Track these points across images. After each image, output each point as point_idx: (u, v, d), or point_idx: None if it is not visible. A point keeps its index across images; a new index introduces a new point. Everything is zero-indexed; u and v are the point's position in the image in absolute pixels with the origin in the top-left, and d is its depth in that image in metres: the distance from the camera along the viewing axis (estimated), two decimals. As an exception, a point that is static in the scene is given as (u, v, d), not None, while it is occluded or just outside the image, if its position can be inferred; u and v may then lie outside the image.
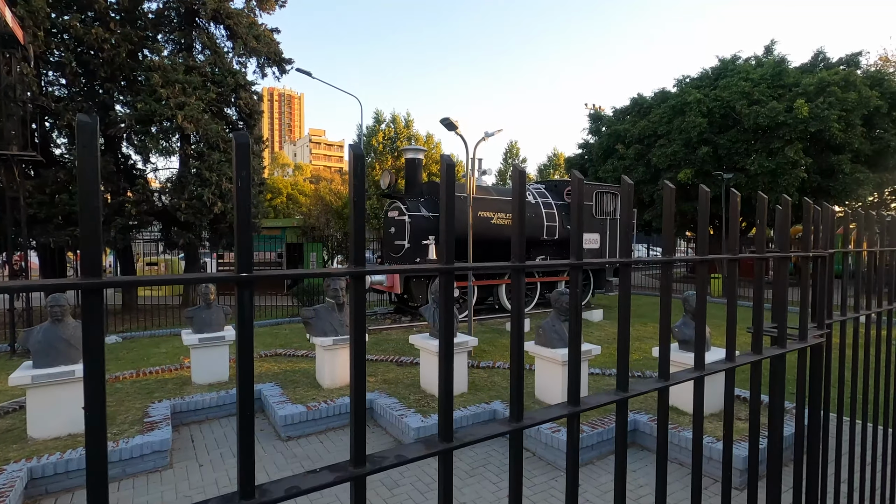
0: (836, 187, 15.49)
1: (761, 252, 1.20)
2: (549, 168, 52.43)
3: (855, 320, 1.69)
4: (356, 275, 0.61)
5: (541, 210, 11.54)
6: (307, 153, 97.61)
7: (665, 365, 0.96)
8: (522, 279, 0.80)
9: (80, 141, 0.46)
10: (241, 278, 0.52)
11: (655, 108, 18.12)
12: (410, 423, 4.48)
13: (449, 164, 0.72)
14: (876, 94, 14.87)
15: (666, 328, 1.01)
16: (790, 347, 1.23)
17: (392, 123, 37.69)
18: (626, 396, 0.88)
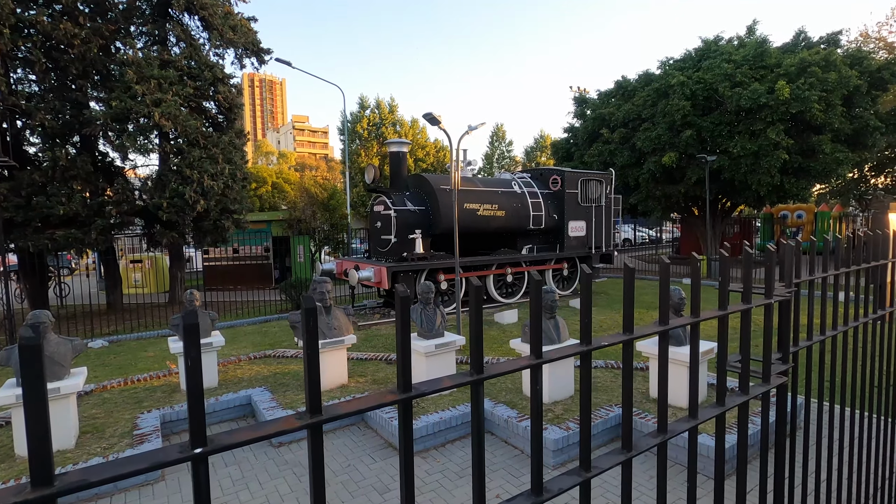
0: (816, 167, 15.68)
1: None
2: (536, 150, 52.35)
3: (822, 280, 1.79)
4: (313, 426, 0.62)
5: (527, 200, 11.56)
6: (291, 140, 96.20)
7: (629, 321, 0.99)
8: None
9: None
10: (194, 455, 0.53)
11: (640, 92, 18.09)
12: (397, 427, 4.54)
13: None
14: (855, 73, 14.97)
15: (630, 288, 1.04)
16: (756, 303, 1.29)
17: (377, 109, 37.23)
18: (589, 348, 0.93)
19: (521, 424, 4.58)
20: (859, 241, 2.29)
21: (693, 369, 1.12)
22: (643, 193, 18.25)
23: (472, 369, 0.76)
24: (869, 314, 2.21)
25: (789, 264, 1.52)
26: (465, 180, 10.82)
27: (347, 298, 12.45)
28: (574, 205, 12.18)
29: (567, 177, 12.09)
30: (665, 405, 1.07)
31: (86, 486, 0.47)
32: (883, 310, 2.41)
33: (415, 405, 5.19)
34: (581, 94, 21.68)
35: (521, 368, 0.84)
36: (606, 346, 0.95)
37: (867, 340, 2.27)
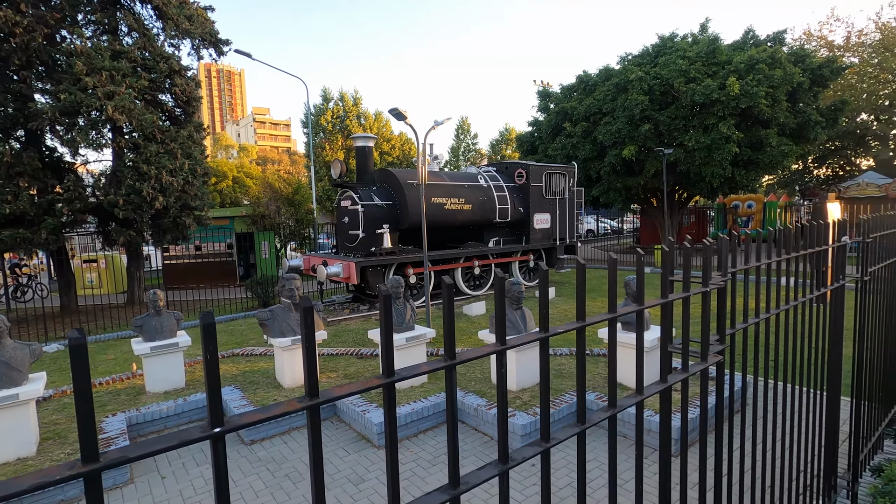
0: (764, 159, 16.57)
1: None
2: (502, 143, 52.79)
3: (757, 268, 2.00)
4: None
5: (493, 193, 11.75)
6: (251, 133, 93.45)
7: (581, 310, 1.13)
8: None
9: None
10: (214, 434, 0.61)
11: (600, 86, 18.57)
12: (373, 419, 4.64)
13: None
14: (799, 70, 15.87)
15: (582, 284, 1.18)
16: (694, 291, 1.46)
17: (340, 102, 36.67)
18: (547, 335, 1.06)
19: (490, 412, 4.75)
20: (801, 229, 2.54)
21: (638, 351, 1.28)
22: (605, 185, 18.80)
23: (446, 355, 0.87)
24: (800, 297, 2.45)
25: (725, 255, 1.70)
26: (431, 174, 10.90)
27: (316, 294, 12.36)
28: (539, 198, 12.47)
29: (532, 170, 12.35)
30: (615, 383, 1.22)
31: (125, 461, 0.55)
32: (819, 290, 2.67)
33: (387, 397, 5.29)
34: (545, 88, 22.05)
35: (489, 354, 0.96)
36: (562, 332, 1.08)
37: (807, 320, 2.52)
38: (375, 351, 6.98)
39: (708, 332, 1.56)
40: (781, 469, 2.41)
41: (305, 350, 0.70)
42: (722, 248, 1.72)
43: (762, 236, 2.48)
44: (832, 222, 2.97)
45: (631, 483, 3.64)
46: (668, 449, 1.42)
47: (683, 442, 1.47)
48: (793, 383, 2.45)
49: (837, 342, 2.95)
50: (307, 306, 0.71)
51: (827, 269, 2.92)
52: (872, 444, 3.54)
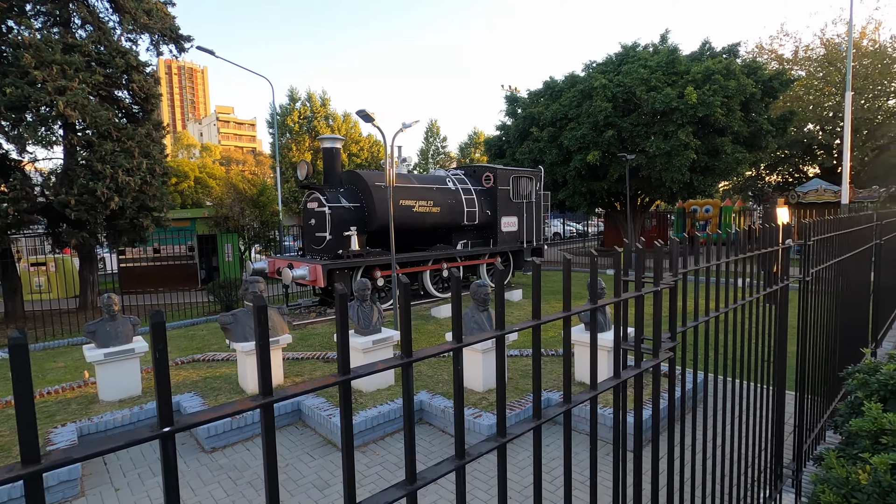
0: (720, 166, 17.30)
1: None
2: (470, 147, 53.17)
3: (705, 270, 2.09)
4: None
5: (461, 196, 11.83)
6: (215, 132, 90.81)
7: (537, 309, 1.17)
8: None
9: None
10: (163, 433, 0.61)
11: (566, 92, 18.98)
12: (337, 423, 4.59)
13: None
14: (751, 81, 16.65)
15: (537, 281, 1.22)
16: (646, 290, 1.53)
17: (308, 102, 36.14)
18: (502, 333, 1.09)
19: (474, 420, 4.77)
20: (749, 232, 2.69)
21: (592, 348, 1.33)
22: (570, 189, 19.21)
23: (403, 353, 0.89)
24: (747, 296, 2.58)
25: (675, 257, 1.78)
26: (399, 177, 10.88)
27: (281, 298, 12.12)
28: (506, 201, 12.63)
29: (499, 174, 12.50)
30: (569, 380, 1.27)
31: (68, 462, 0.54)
32: (765, 290, 2.82)
33: (353, 400, 5.24)
34: (512, 93, 22.35)
35: (445, 352, 0.98)
36: (517, 329, 1.12)
37: (756, 319, 2.65)
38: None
39: (660, 329, 1.63)
40: (731, 461, 2.53)
41: (259, 348, 0.70)
42: (673, 250, 1.80)
43: (721, 239, 2.62)
44: (780, 226, 3.14)
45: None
46: (621, 443, 1.48)
47: (637, 436, 1.53)
48: (742, 379, 2.58)
49: (783, 339, 3.12)
50: (260, 305, 0.71)
51: (776, 269, 3.10)
52: (815, 435, 3.76)
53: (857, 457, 2.36)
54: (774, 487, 3.20)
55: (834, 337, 3.96)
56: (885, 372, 2.77)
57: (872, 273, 5.69)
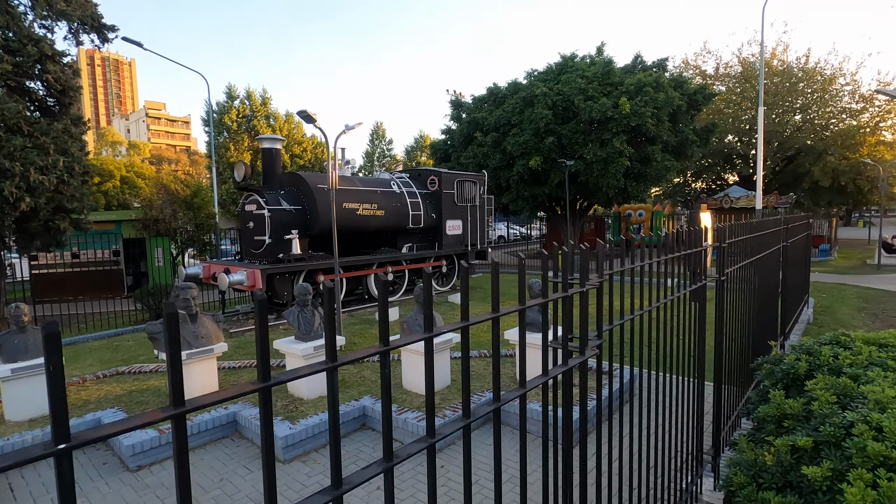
0: (651, 173, 18.38)
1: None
2: (416, 150, 53.22)
3: (629, 271, 2.23)
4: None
5: (406, 199, 11.81)
6: (144, 129, 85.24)
7: (465, 311, 1.20)
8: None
9: None
10: (58, 451, 0.57)
11: (509, 99, 19.46)
12: (277, 433, 4.44)
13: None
14: (678, 94, 17.84)
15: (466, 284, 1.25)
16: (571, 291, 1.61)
17: (247, 100, 34.80)
18: (431, 336, 1.11)
19: (400, 417, 4.76)
20: (675, 235, 2.88)
21: (521, 347, 1.38)
22: (514, 194, 19.69)
23: (328, 358, 0.88)
24: (669, 295, 2.76)
25: (601, 259, 1.89)
26: (343, 179, 10.71)
27: (217, 304, 11.55)
28: (451, 204, 12.75)
29: (444, 177, 12.60)
30: (498, 379, 1.31)
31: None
32: (684, 289, 3.02)
33: (294, 409, 5.10)
34: (457, 98, 22.63)
35: (371, 355, 0.99)
36: (446, 331, 1.14)
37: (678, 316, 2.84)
38: (281, 361, 6.68)
39: (586, 328, 1.71)
40: (658, 451, 2.69)
41: (170, 357, 0.68)
42: (599, 253, 1.90)
43: (652, 241, 2.79)
44: (702, 229, 3.39)
45: (536, 474, 3.84)
46: (548, 436, 1.54)
47: (567, 431, 1.60)
48: (668, 373, 2.75)
49: (703, 334, 3.37)
50: (170, 312, 0.68)
51: (700, 269, 3.34)
52: (732, 423, 4.07)
53: (764, 440, 2.59)
54: (696, 473, 3.44)
55: (748, 331, 4.32)
56: (788, 362, 3.06)
57: (780, 272, 6.25)
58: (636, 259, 2.45)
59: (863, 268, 17.90)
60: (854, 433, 2.07)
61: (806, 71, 26.29)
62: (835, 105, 26.71)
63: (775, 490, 2.28)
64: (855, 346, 2.99)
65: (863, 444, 1.96)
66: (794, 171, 27.42)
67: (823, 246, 21.69)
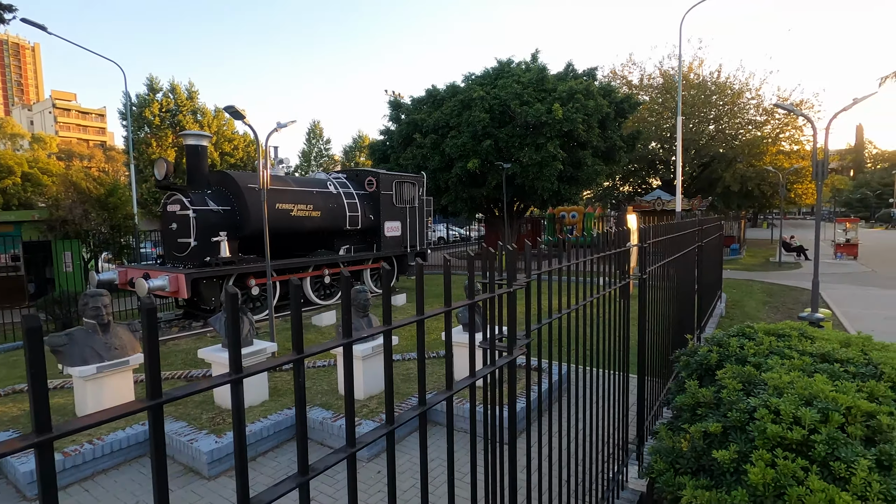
0: (582, 176, 19.22)
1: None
2: (355, 150, 52.40)
3: (557, 271, 2.30)
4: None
5: (343, 200, 11.56)
6: (51, 121, 77.59)
7: (387, 316, 1.17)
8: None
9: None
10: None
11: (447, 101, 19.61)
12: (202, 447, 4.17)
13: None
14: (606, 102, 18.80)
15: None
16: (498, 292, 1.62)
17: (171, 94, 32.70)
18: (350, 341, 1.07)
19: (335, 424, 4.63)
20: (606, 235, 3.01)
21: (447, 348, 1.37)
22: (453, 195, 19.86)
23: (231, 370, 0.82)
24: (594, 293, 2.88)
25: (528, 260, 1.92)
26: (276, 179, 10.30)
27: (136, 312, 10.70)
28: (389, 206, 12.63)
29: (382, 178, 12.46)
30: (423, 383, 1.29)
31: None
32: (608, 288, 3.16)
33: (222, 420, 4.81)
34: (396, 99, 22.50)
35: (281, 364, 0.93)
36: (365, 336, 1.11)
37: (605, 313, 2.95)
38: (208, 371, 6.30)
39: (514, 328, 1.73)
40: (588, 443, 2.79)
41: (31, 376, 0.59)
42: (526, 254, 1.93)
43: (585, 241, 2.87)
44: (626, 230, 3.56)
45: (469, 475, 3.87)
46: (475, 435, 1.55)
47: (494, 430, 1.61)
48: (596, 367, 2.87)
49: (627, 329, 3.54)
50: (32, 326, 0.60)
51: (626, 268, 3.51)
52: (654, 413, 4.32)
53: (681, 428, 2.76)
54: (622, 462, 3.61)
55: (668, 326, 4.61)
56: (701, 354, 3.28)
57: (697, 270, 6.73)
58: (563, 259, 2.52)
59: (767, 265, 19.74)
60: (756, 417, 2.25)
61: (718, 85, 28.62)
62: (742, 117, 29.30)
63: (690, 474, 2.43)
64: (758, 337, 3.26)
65: (763, 427, 2.13)
66: (709, 176, 29.76)
67: (734, 245, 23.69)
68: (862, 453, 1.92)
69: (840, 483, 1.88)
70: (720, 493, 2.12)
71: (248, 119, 7.11)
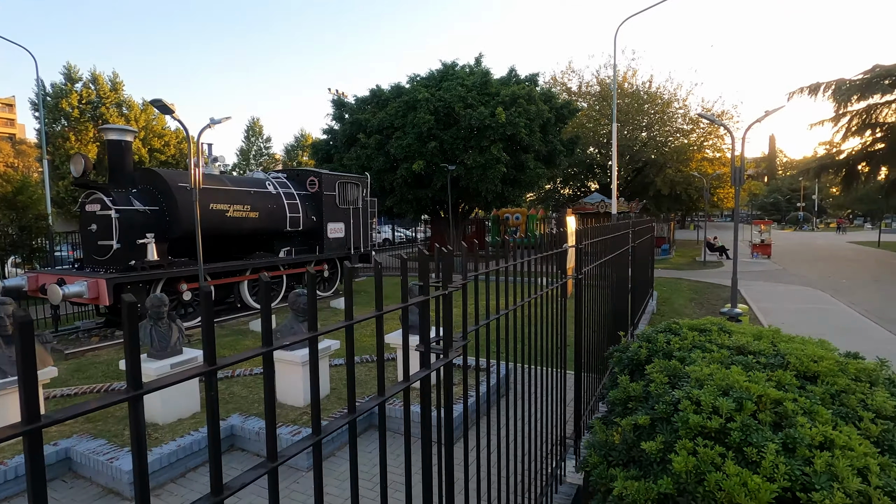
0: (525, 179, 19.72)
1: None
2: (298, 149, 50.92)
3: (496, 272, 2.32)
4: None
5: (283, 201, 11.17)
6: (-53, 111, 69.44)
7: (314, 322, 1.12)
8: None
9: None
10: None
11: (392, 102, 19.49)
12: (123, 466, 3.87)
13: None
14: (547, 108, 19.41)
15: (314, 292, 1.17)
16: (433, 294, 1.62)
17: (93, 84, 30.35)
18: (270, 349, 1.03)
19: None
20: (542, 237, 3.07)
21: (379, 353, 1.33)
22: (398, 197, 19.75)
23: (129, 386, 0.75)
24: (533, 293, 2.94)
25: (465, 261, 1.93)
26: (209, 178, 9.79)
27: (50, 321, 9.79)
28: (332, 207, 12.35)
29: (324, 179, 12.17)
30: (353, 389, 1.25)
31: None
32: (545, 288, 3.24)
33: (148, 435, 4.48)
34: (339, 98, 22.07)
35: (193, 377, 0.87)
36: (288, 344, 1.05)
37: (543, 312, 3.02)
38: (133, 384, 5.86)
39: (450, 330, 1.73)
40: (529, 441, 2.84)
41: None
42: (464, 255, 1.93)
43: (529, 242, 2.91)
44: (562, 232, 3.67)
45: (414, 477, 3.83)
46: (409, 438, 1.53)
47: (427, 433, 1.59)
48: (537, 365, 2.92)
49: (564, 327, 3.65)
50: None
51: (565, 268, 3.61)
52: (590, 408, 4.48)
53: (613, 421, 2.88)
54: (560, 457, 3.71)
55: (604, 323, 4.80)
56: (632, 350, 3.44)
57: (630, 269, 7.08)
58: (500, 261, 2.55)
59: (693, 264, 21.12)
60: (680, 409, 2.38)
61: (649, 94, 30.34)
62: (671, 125, 31.21)
63: (622, 466, 2.53)
64: (682, 333, 3.46)
65: (686, 418, 2.26)
66: (642, 180, 31.47)
67: (665, 246, 25.17)
68: (771, 438, 2.08)
69: (752, 467, 2.02)
70: (648, 483, 2.22)
71: (177, 114, 6.71)
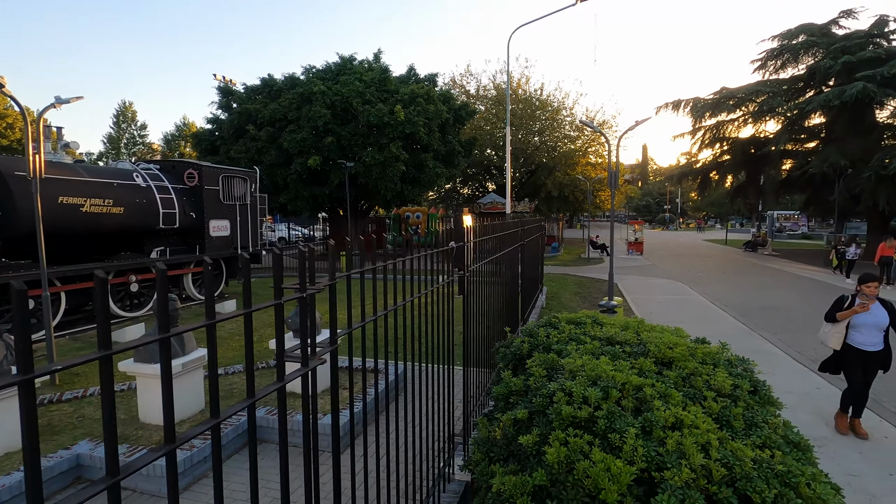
0: (424, 178, 19.84)
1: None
2: (179, 139, 46.49)
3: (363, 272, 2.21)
4: None
5: (154, 195, 9.99)
6: None
7: (164, 321, 0.94)
8: None
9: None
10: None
11: (285, 93, 18.47)
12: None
13: None
14: (446, 108, 19.70)
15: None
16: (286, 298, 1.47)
17: None
18: (107, 354, 0.82)
19: (130, 460, 3.90)
20: (437, 235, 3.00)
21: (248, 359, 1.16)
22: (292, 193, 18.79)
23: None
24: (419, 291, 2.87)
25: (332, 261, 1.78)
26: (59, 167, 8.44)
27: None
28: (215, 202, 11.34)
29: (206, 172, 11.12)
30: (216, 393, 1.09)
31: None
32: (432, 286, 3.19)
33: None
34: (226, 85, 20.42)
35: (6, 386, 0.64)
36: (122, 350, 0.86)
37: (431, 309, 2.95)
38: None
39: (307, 335, 1.58)
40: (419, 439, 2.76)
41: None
42: (331, 255, 1.79)
43: (429, 241, 2.79)
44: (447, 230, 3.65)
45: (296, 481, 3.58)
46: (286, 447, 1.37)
47: (307, 439, 1.43)
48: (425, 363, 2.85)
49: (451, 324, 3.64)
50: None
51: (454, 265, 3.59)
52: (479, 404, 4.55)
53: (495, 417, 2.91)
54: (449, 454, 3.70)
55: (494, 319, 4.91)
56: (515, 345, 3.53)
57: (520, 266, 7.38)
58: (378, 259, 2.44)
59: (579, 261, 22.85)
60: (555, 401, 2.46)
61: (541, 101, 32.21)
62: (560, 131, 33.44)
63: (502, 461, 2.55)
64: (561, 326, 3.63)
65: (559, 410, 2.33)
66: (535, 182, 33.36)
67: (554, 244, 26.93)
68: (632, 423, 2.21)
69: (616, 452, 2.13)
70: (524, 477, 2.25)
71: (7, 88, 5.64)
